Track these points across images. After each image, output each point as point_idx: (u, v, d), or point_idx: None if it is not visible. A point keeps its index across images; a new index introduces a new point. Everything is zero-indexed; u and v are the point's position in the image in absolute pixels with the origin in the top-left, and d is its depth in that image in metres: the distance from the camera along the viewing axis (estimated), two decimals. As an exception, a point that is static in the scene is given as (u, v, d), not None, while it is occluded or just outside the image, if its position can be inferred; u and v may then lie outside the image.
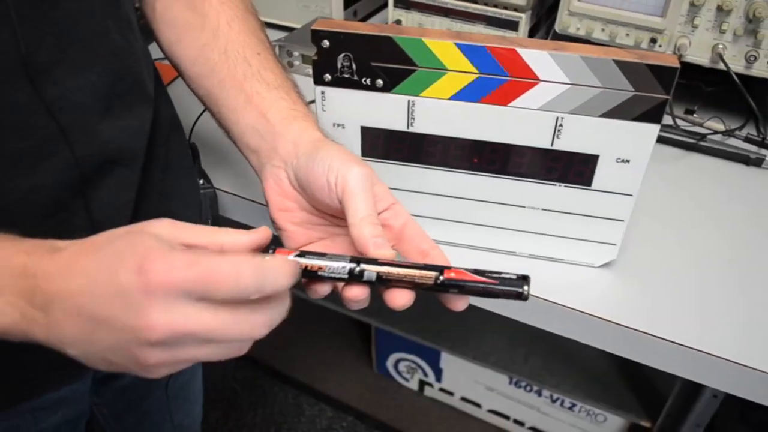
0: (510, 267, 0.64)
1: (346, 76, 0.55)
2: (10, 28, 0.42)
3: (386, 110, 0.57)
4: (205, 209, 0.69)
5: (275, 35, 1.00)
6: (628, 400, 1.33)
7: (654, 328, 0.58)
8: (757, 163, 0.81)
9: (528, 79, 0.53)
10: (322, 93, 0.57)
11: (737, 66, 0.81)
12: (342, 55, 0.54)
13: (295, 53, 0.95)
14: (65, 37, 0.45)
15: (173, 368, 0.34)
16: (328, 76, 0.56)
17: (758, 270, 0.65)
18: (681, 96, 0.91)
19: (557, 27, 0.88)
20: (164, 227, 0.36)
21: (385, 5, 1.03)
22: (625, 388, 1.35)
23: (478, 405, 1.56)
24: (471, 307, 1.59)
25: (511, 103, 0.55)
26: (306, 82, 0.97)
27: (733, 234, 0.70)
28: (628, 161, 0.56)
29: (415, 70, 0.54)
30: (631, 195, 0.58)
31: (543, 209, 0.61)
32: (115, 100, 0.50)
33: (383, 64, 0.54)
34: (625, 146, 0.55)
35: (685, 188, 0.77)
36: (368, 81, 0.55)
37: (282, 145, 0.49)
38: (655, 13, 0.82)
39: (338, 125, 0.59)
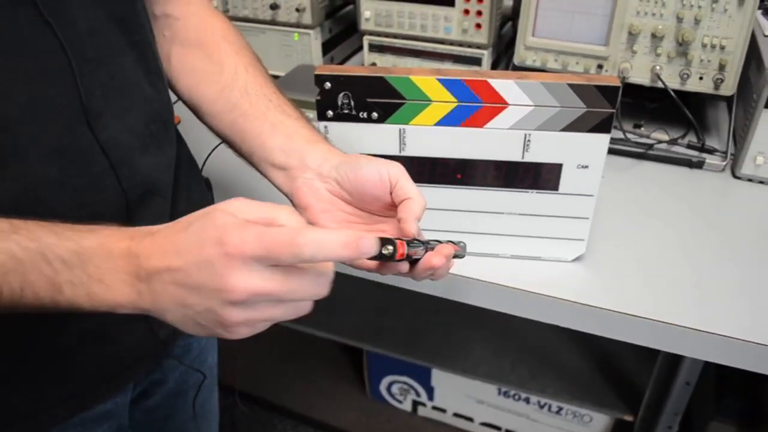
0: (494, 267, 0.73)
1: (346, 111, 0.65)
2: (74, 82, 0.51)
3: (381, 138, 0.67)
4: None
5: (262, 83, 1.10)
6: (610, 398, 1.42)
7: (626, 307, 0.68)
8: (698, 165, 0.93)
9: (498, 104, 0.64)
10: (325, 127, 0.67)
11: (673, 83, 0.93)
12: (342, 94, 0.64)
13: (283, 98, 1.05)
14: (107, 88, 0.54)
15: (252, 328, 0.42)
16: (330, 113, 0.66)
17: (705, 252, 0.77)
18: (629, 113, 1.03)
19: (516, 60, 0.99)
20: (236, 205, 0.42)
21: (360, 49, 1.14)
22: (606, 387, 1.44)
23: (470, 419, 1.63)
24: (457, 321, 1.66)
25: (486, 125, 0.65)
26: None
27: (682, 225, 0.81)
28: (587, 167, 0.66)
29: (404, 103, 0.64)
30: (592, 195, 0.68)
31: (520, 214, 0.70)
32: (149, 139, 0.59)
33: (377, 100, 0.64)
34: (583, 154, 0.65)
35: (640, 191, 0.89)
36: (365, 114, 0.65)
37: (312, 160, 0.58)
38: (600, 43, 0.94)
39: None
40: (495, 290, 0.72)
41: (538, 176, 0.68)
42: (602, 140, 0.65)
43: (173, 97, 0.67)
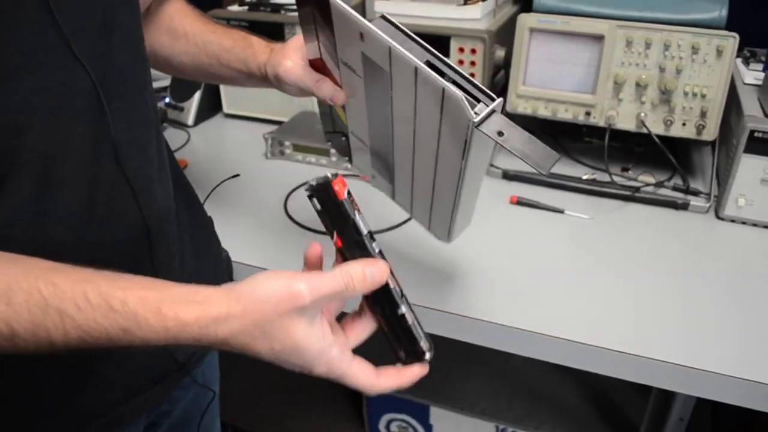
0: (491, 306, 0.76)
1: None
2: (106, 119, 0.55)
3: None
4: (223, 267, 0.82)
5: (266, 128, 1.15)
6: (605, 434, 1.44)
7: (616, 344, 0.71)
8: (684, 206, 0.97)
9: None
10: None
11: (658, 129, 0.98)
12: None
13: (286, 143, 1.09)
14: (131, 122, 0.58)
15: None
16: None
17: (691, 290, 0.80)
18: (616, 157, 1.08)
19: (508, 108, 1.04)
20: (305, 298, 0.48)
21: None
22: (601, 423, 1.46)
23: (468, 457, 1.63)
24: (455, 359, 1.67)
25: None
26: (297, 168, 1.11)
27: (669, 264, 0.85)
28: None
29: None
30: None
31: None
32: (161, 170, 0.64)
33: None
34: None
35: (628, 232, 0.92)
36: None
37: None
38: (587, 91, 0.99)
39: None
40: (492, 329, 0.75)
41: None
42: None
43: (180, 142, 0.72)
